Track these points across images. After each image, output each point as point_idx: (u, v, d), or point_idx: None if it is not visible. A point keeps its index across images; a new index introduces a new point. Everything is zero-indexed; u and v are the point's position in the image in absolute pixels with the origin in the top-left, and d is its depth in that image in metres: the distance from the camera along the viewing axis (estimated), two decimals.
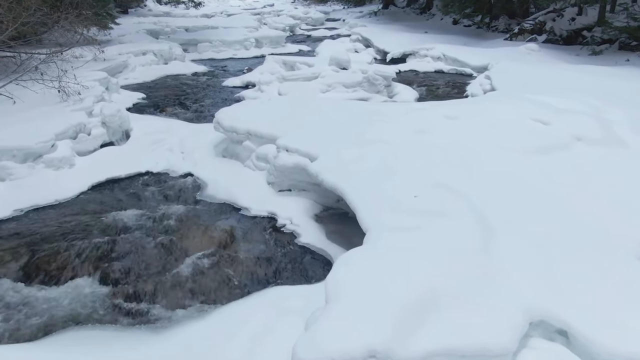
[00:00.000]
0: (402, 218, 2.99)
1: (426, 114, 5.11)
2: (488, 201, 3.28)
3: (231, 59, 13.24)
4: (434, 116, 5.01)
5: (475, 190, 3.42)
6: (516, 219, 3.06)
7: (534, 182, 3.64)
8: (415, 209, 3.11)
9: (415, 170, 3.75)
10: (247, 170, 5.02)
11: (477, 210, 3.14)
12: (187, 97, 8.65)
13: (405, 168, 3.77)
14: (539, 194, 3.42)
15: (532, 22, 12.98)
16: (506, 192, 3.44)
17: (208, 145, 5.68)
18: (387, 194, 3.35)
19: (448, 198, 3.29)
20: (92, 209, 4.41)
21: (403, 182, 3.55)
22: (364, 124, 4.86)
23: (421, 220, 2.96)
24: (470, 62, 10.65)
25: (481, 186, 3.50)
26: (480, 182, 3.57)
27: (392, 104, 5.56)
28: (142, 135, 6.10)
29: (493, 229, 2.91)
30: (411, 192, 3.38)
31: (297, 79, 7.92)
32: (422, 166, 3.82)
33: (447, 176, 3.64)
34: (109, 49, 11.25)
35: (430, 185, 3.50)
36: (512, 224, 2.99)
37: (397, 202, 3.23)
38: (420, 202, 3.22)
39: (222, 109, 5.61)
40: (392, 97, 8.21)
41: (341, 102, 5.84)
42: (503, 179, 3.65)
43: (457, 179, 3.60)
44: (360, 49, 11.33)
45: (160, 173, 5.21)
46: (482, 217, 3.05)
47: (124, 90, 8.72)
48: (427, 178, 3.62)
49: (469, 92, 8.61)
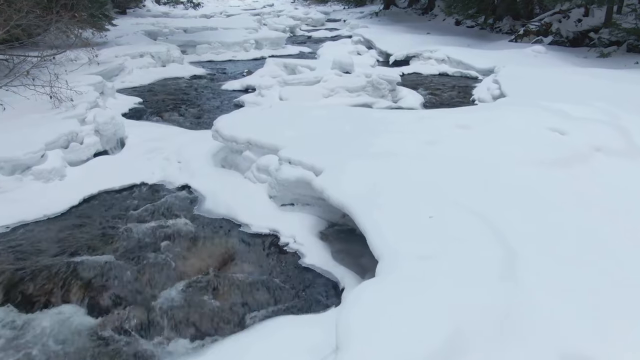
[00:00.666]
0: (418, 243, 2.73)
1: (436, 123, 4.85)
2: (509, 221, 3.02)
3: (230, 61, 12.98)
4: (444, 125, 4.75)
5: (494, 209, 3.16)
6: (541, 242, 2.80)
7: (555, 199, 3.38)
8: (431, 232, 2.86)
9: (428, 186, 3.49)
10: (247, 182, 4.76)
11: (498, 232, 2.89)
12: (185, 101, 8.39)
13: (417, 184, 3.51)
14: (563, 213, 3.17)
15: (537, 24, 12.72)
16: (527, 210, 3.18)
17: (206, 154, 5.42)
18: (400, 214, 3.09)
19: (465, 219, 3.04)
20: (82, 225, 4.14)
21: (416, 200, 3.29)
22: (371, 134, 4.60)
23: (438, 246, 2.70)
24: (476, 64, 10.40)
25: (500, 204, 3.25)
26: (499, 199, 3.32)
27: (399, 112, 5.30)
28: (138, 143, 5.84)
29: (517, 254, 2.65)
30: (425, 212, 3.12)
31: (298, 83, 7.66)
32: (436, 182, 3.56)
33: (463, 193, 3.39)
34: (105, 51, 11.01)
35: (445, 204, 3.24)
36: (537, 248, 2.74)
37: (410, 223, 2.97)
38: (436, 224, 2.96)
39: (220, 117, 5.35)
40: (397, 102, 7.95)
41: (345, 109, 5.58)
42: (523, 196, 3.39)
43: (474, 197, 3.34)
44: (362, 51, 11.07)
45: (156, 184, 4.94)
46: (504, 241, 2.79)
47: (120, 94, 8.47)
48: (442, 195, 3.36)
49: (475, 96, 8.37)
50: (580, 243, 2.81)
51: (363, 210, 3.18)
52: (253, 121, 5.13)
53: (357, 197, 3.37)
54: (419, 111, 5.27)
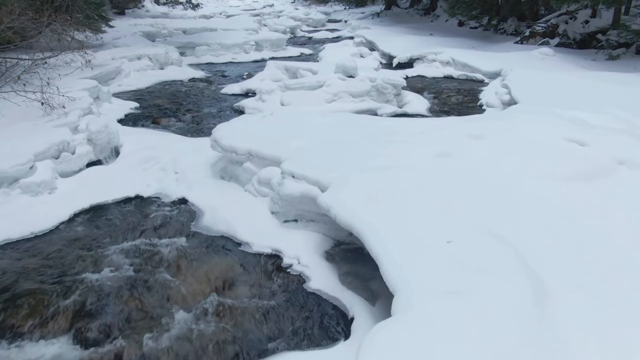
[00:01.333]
0: (437, 275, 2.48)
1: (447, 133, 4.59)
2: (533, 247, 2.77)
3: (230, 63, 12.72)
4: (456, 135, 4.49)
5: (516, 232, 2.91)
6: (571, 273, 2.54)
7: (581, 219, 3.12)
8: (450, 261, 2.60)
9: (443, 205, 3.23)
10: (248, 196, 4.50)
11: (523, 260, 2.63)
12: (183, 106, 8.13)
13: (431, 202, 3.25)
14: (591, 236, 2.91)
15: (543, 25, 12.46)
16: (552, 232, 2.93)
17: (204, 164, 5.16)
18: (415, 239, 2.83)
19: (486, 244, 2.78)
20: (71, 243, 3.88)
21: (431, 221, 3.03)
22: (379, 145, 4.34)
23: (460, 279, 2.44)
24: (482, 67, 10.13)
25: (522, 226, 2.99)
26: (520, 220, 3.06)
27: (407, 120, 5.04)
28: (133, 152, 5.58)
29: (547, 290, 2.38)
30: (442, 235, 2.87)
31: (300, 88, 7.40)
32: (451, 200, 3.30)
33: (480, 212, 3.13)
34: (102, 54, 10.74)
35: (463, 226, 2.99)
36: (568, 281, 2.47)
37: (428, 250, 2.71)
38: (454, 251, 2.70)
39: (219, 126, 5.09)
40: (402, 107, 7.69)
41: (350, 117, 5.33)
42: (546, 216, 3.13)
43: (492, 217, 3.09)
44: (365, 53, 10.81)
45: (151, 198, 4.68)
46: (531, 272, 2.53)
47: (116, 98, 8.21)
48: (458, 215, 3.11)
49: (483, 101, 8.11)
50: (612, 274, 2.55)
51: (374, 234, 2.92)
52: (254, 130, 4.87)
53: (367, 217, 3.11)
54: (428, 120, 5.01)
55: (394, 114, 7.36)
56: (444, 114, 7.60)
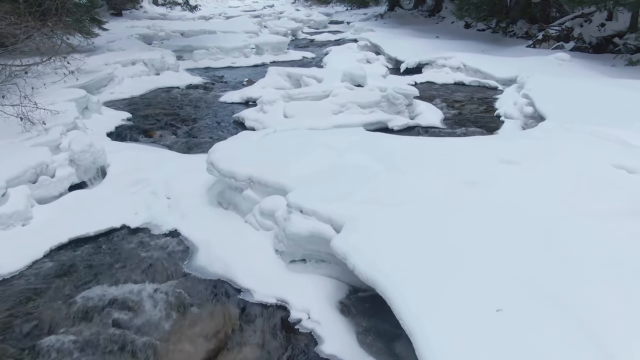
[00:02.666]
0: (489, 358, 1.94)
1: (473, 156, 4.05)
2: (601, 312, 2.24)
3: (229, 67, 12.17)
4: (485, 159, 3.96)
5: (576, 291, 2.38)
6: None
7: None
8: (504, 337, 2.06)
9: (483, 253, 2.70)
10: (248, 229, 3.96)
11: (593, 334, 2.10)
12: (178, 116, 7.59)
13: (467, 250, 2.72)
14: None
15: (557, 28, 11.92)
16: (622, 293, 2.39)
17: (200, 188, 4.62)
18: (454, 303, 2.30)
19: (543, 311, 2.24)
20: (44, 290, 3.34)
21: (472, 277, 2.50)
22: (397, 170, 3.80)
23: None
24: (495, 73, 9.60)
25: (583, 282, 2.46)
26: (579, 273, 2.53)
27: (425, 140, 4.50)
28: (121, 173, 5.03)
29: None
30: (487, 298, 2.33)
31: (305, 98, 6.86)
32: (490, 245, 2.77)
33: (528, 263, 2.60)
34: (94, 59, 10.20)
35: (509, 283, 2.45)
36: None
37: (472, 320, 2.17)
38: (507, 323, 2.17)
39: (216, 146, 4.55)
40: (414, 118, 7.16)
41: (361, 134, 4.78)
42: (608, 267, 2.60)
43: (544, 269, 2.56)
44: (372, 58, 10.27)
45: (139, 229, 4.14)
46: (602, 348, 2.01)
47: (107, 108, 7.67)
48: (502, 268, 2.57)
49: (500, 111, 7.56)
50: None
51: (403, 294, 2.39)
52: (255, 151, 4.32)
53: (392, 272, 2.57)
54: (450, 139, 4.47)
55: (406, 126, 6.83)
56: (459, 125, 7.07)
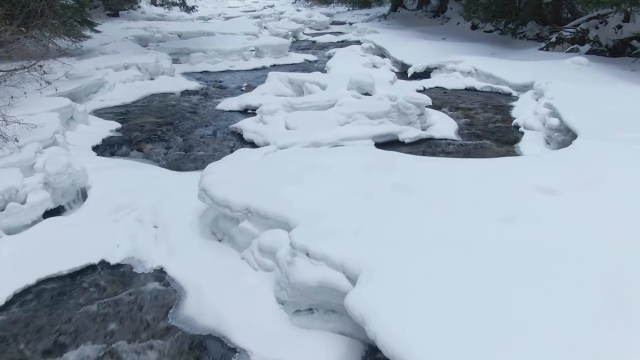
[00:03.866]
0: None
1: (507, 183, 3.50)
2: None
3: (228, 71, 11.62)
4: (520, 187, 3.41)
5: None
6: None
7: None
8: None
9: (533, 316, 2.16)
10: (246, 268, 3.42)
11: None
12: (172, 126, 7.05)
13: (515, 310, 2.18)
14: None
15: (572, 30, 11.36)
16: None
17: (191, 214, 4.08)
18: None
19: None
20: (2, 349, 2.80)
21: (527, 351, 1.96)
22: (418, 201, 3.26)
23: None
24: (509, 78, 9.05)
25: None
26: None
27: (449, 162, 3.95)
28: (104, 196, 4.49)
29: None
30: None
31: (308, 108, 6.32)
32: (543, 306, 2.23)
33: (594, 331, 2.07)
34: (85, 63, 9.69)
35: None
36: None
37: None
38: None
39: (209, 168, 4.00)
40: (426, 129, 6.61)
41: (373, 153, 4.24)
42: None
43: (613, 339, 2.02)
44: (379, 62, 9.73)
45: (120, 266, 3.60)
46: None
47: (95, 118, 7.13)
48: (561, 338, 2.03)
49: (518, 120, 7.02)
50: None
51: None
52: (253, 175, 3.78)
53: (426, 349, 2.03)
54: (479, 163, 3.92)
55: (418, 139, 6.29)
56: (475, 137, 6.53)
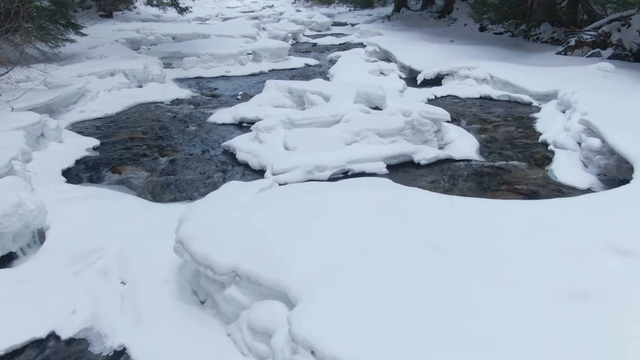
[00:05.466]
0: None
1: (568, 238, 2.72)
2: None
3: (223, 77, 10.86)
4: (586, 246, 2.64)
5: None
6: None
7: None
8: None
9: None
10: (232, 350, 2.64)
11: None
12: (157, 142, 6.28)
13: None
14: None
15: (593, 33, 10.59)
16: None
17: (169, 266, 3.32)
18: None
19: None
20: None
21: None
22: (458, 270, 2.48)
23: None
24: (528, 87, 8.29)
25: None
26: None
27: (490, 205, 3.16)
28: (66, 239, 3.72)
29: None
30: None
31: (310, 124, 5.55)
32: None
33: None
34: (66, 69, 8.96)
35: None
36: None
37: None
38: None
39: (189, 211, 3.23)
40: (444, 147, 5.85)
41: (390, 189, 3.47)
42: None
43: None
44: (386, 69, 8.94)
45: (73, 342, 2.82)
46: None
47: (71, 134, 6.36)
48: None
49: (546, 137, 6.25)
50: None
51: None
52: (242, 224, 2.99)
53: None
54: (524, 205, 3.15)
55: (436, 159, 5.53)
56: (500, 157, 5.75)
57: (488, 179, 5.10)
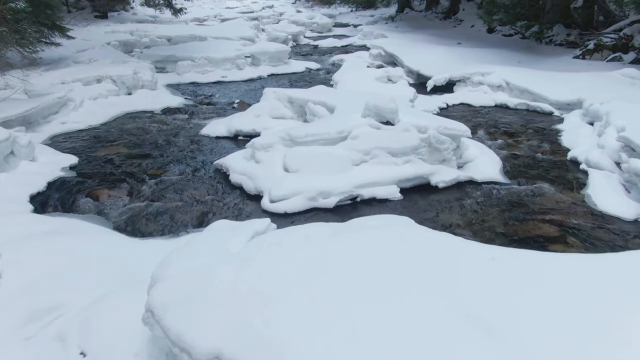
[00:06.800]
0: None
1: None
2: None
3: (219, 82, 10.23)
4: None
5: None
6: None
7: None
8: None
9: None
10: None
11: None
12: (141, 160, 5.64)
13: None
14: None
15: (613, 36, 9.95)
16: None
17: (141, 335, 2.68)
18: None
19: None
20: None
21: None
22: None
23: None
24: (549, 95, 7.65)
25: None
26: None
27: (542, 260, 2.50)
28: (19, 292, 3.08)
29: None
30: None
31: (313, 142, 4.91)
32: None
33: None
34: (50, 75, 8.36)
35: None
36: None
37: None
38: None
39: (162, 267, 2.59)
40: (463, 167, 5.22)
41: (415, 233, 2.85)
42: None
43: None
44: (394, 75, 8.28)
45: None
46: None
47: (46, 150, 5.72)
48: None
49: (575, 153, 5.61)
50: None
51: None
52: (230, 289, 2.36)
53: None
54: (584, 262, 2.50)
55: (455, 182, 4.89)
56: (527, 178, 5.11)
57: (516, 207, 4.46)
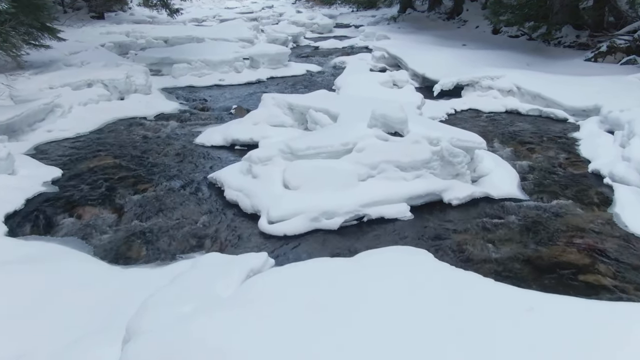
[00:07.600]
0: None
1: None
2: None
3: (216, 86, 9.84)
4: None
5: None
6: None
7: None
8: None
9: None
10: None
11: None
12: (130, 172, 5.24)
13: None
14: None
15: (627, 38, 9.56)
16: None
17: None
18: None
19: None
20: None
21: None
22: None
23: None
24: (563, 100, 7.26)
25: None
26: None
27: (591, 310, 2.13)
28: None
29: None
30: None
31: (316, 155, 4.52)
32: None
33: None
34: (38, 79, 7.96)
35: None
36: None
37: None
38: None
39: (142, 311, 2.20)
40: (478, 181, 4.82)
41: (436, 271, 2.46)
42: None
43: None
44: (400, 80, 7.89)
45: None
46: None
47: (29, 161, 5.35)
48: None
49: (596, 165, 5.21)
50: None
51: None
52: (215, 352, 1.96)
53: None
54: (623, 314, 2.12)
55: (470, 199, 4.50)
56: (547, 194, 4.70)
57: (539, 229, 4.06)
